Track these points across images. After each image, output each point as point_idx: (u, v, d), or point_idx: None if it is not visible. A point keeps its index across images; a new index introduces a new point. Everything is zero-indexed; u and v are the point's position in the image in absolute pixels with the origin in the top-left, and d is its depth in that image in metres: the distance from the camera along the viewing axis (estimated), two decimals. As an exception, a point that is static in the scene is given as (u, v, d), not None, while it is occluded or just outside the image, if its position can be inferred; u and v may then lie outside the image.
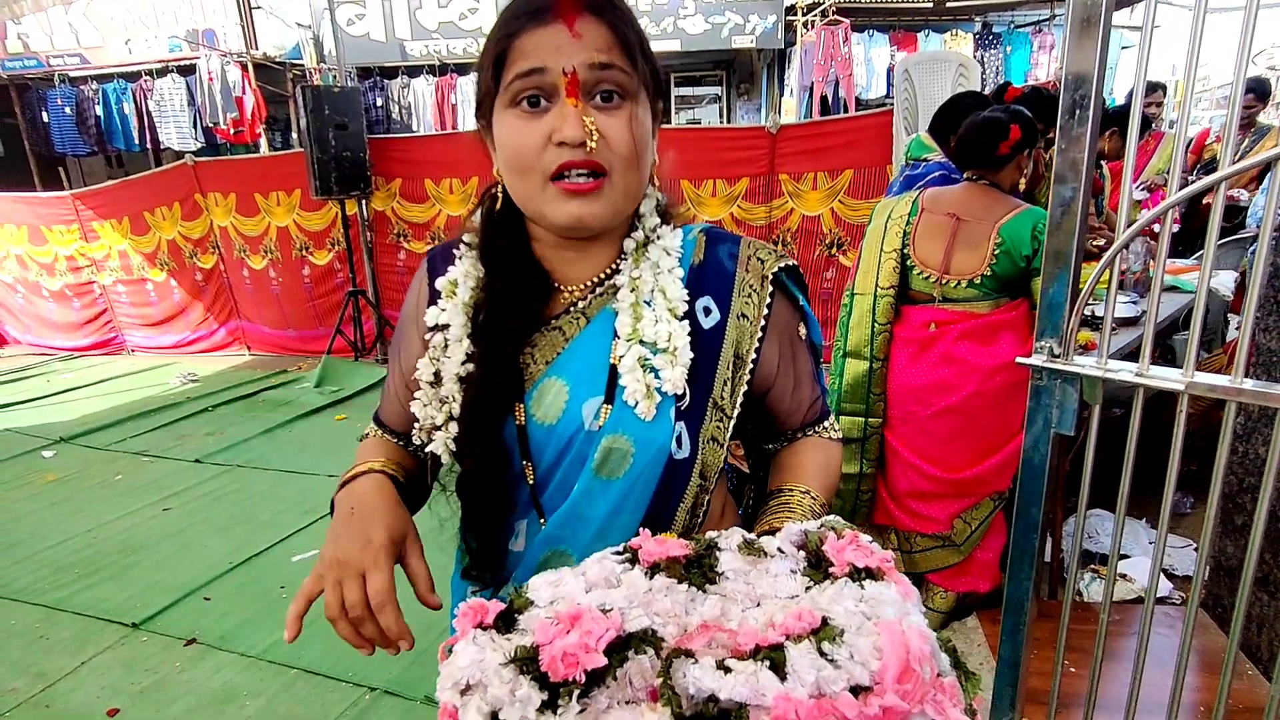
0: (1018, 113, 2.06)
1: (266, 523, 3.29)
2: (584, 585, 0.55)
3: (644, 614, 0.52)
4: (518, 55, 0.71)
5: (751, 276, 0.82)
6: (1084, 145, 1.13)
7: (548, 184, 0.72)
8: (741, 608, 0.54)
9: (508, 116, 0.73)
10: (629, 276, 0.79)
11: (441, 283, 0.84)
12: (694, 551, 0.58)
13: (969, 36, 8.28)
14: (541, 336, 0.80)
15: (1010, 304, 2.10)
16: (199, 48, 7.84)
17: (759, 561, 0.57)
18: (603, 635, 0.47)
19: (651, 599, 0.53)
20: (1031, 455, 1.27)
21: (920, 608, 0.54)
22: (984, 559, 2.25)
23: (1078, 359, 1.20)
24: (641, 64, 0.74)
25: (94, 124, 8.32)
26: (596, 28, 0.71)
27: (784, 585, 0.55)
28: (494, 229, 0.83)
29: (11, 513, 3.57)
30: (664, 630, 0.51)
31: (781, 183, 4.70)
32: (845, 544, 0.56)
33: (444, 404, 0.80)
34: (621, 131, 0.72)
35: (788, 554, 0.58)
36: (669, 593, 0.54)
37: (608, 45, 0.71)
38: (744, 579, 0.56)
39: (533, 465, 0.80)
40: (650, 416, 0.74)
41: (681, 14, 8.14)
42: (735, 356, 0.80)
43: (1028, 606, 1.34)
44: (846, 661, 0.46)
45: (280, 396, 5.22)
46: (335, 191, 5.23)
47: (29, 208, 6.69)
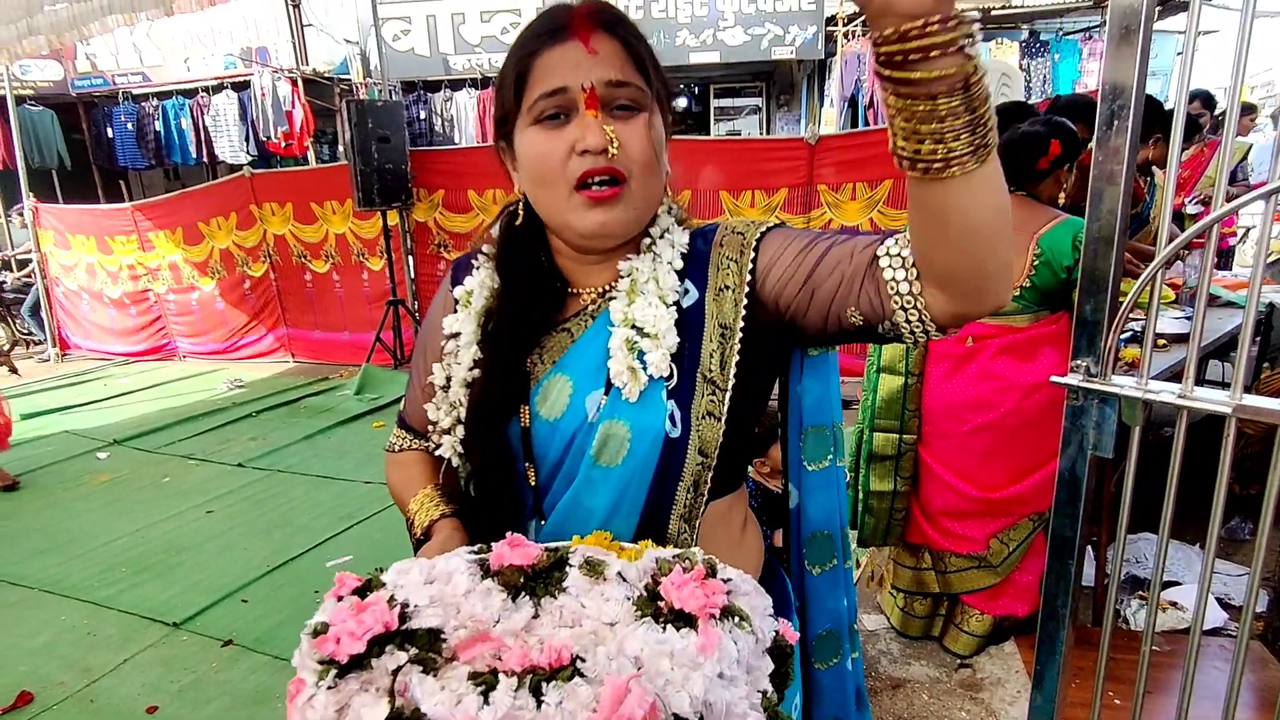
0: (1059, 125, 2.01)
1: (303, 527, 3.36)
2: (426, 577, 0.59)
3: (440, 614, 0.55)
4: (540, 74, 0.75)
5: (728, 250, 0.82)
6: (1123, 157, 1.09)
7: (572, 194, 0.76)
8: (555, 626, 0.56)
9: (530, 133, 0.76)
10: (631, 267, 0.82)
11: (459, 291, 0.88)
12: (543, 563, 0.60)
13: (1015, 45, 8.11)
14: (550, 339, 0.84)
15: (1050, 318, 2.04)
16: (253, 64, 8.12)
17: (598, 583, 0.58)
18: (371, 627, 0.52)
19: (464, 601, 0.57)
20: (1067, 478, 1.22)
21: (719, 664, 0.53)
22: (1023, 581, 2.18)
23: (1116, 379, 1.15)
24: (653, 77, 0.78)
25: (153, 139, 8.68)
26: (610, 44, 0.75)
27: (610, 611, 0.56)
28: (512, 243, 0.86)
29: (67, 511, 3.71)
30: (454, 634, 0.55)
31: (820, 193, 4.65)
32: (685, 581, 0.56)
33: (452, 408, 0.84)
34: (638, 139, 0.76)
35: (628, 580, 0.59)
36: (486, 598, 0.57)
37: (621, 62, 0.75)
38: (582, 597, 0.58)
39: (535, 468, 0.82)
40: (635, 398, 0.76)
41: (721, 25, 8.15)
42: (722, 327, 0.80)
43: (1063, 634, 1.28)
44: (552, 705, 0.48)
45: (321, 403, 5.34)
46: (378, 202, 5.36)
47: (94, 219, 7.00)
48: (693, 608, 0.54)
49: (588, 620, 0.56)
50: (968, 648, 2.23)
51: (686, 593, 0.55)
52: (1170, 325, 2.46)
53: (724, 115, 10.26)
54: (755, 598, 0.61)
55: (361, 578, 0.59)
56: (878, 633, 2.41)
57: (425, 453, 0.95)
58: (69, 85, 8.82)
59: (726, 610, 0.55)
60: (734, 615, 0.56)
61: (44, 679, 2.40)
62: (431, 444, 0.88)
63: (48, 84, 8.74)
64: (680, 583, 0.56)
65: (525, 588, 0.58)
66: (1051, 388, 2.01)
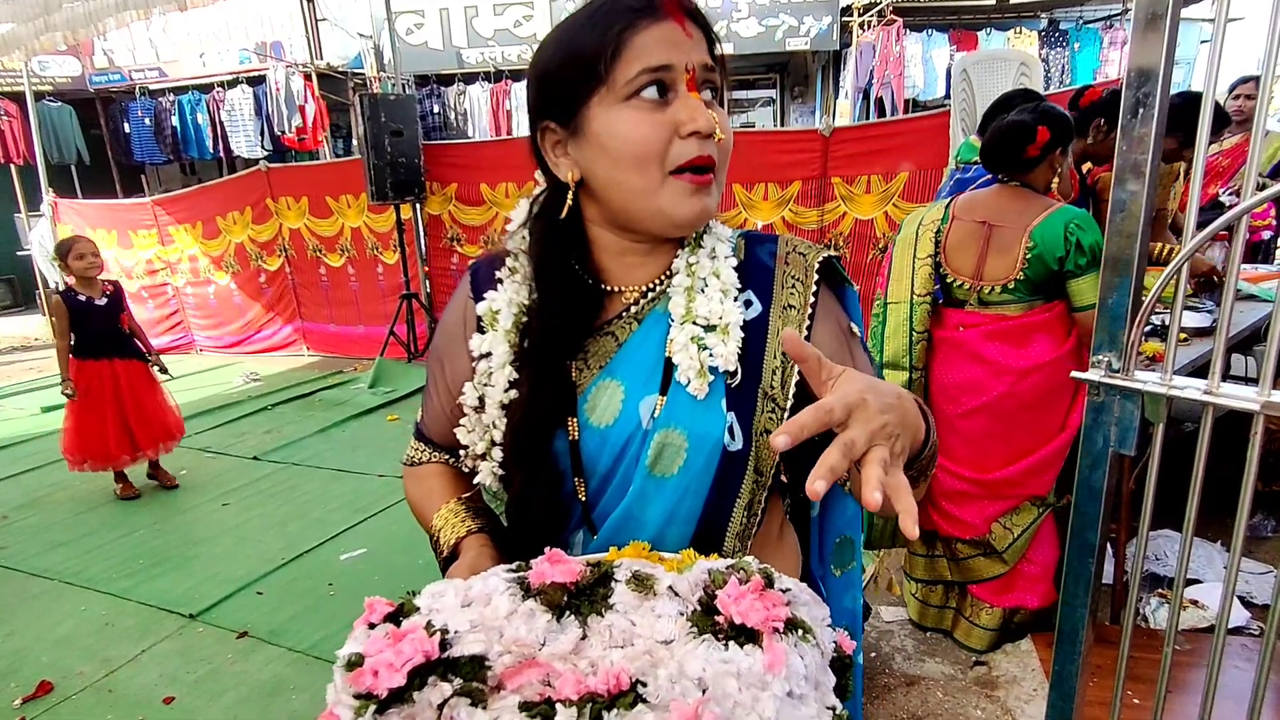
0: (1046, 112, 2.00)
1: (318, 520, 3.38)
2: (463, 600, 0.55)
3: (483, 639, 0.51)
4: (638, 49, 0.70)
5: (794, 269, 0.81)
6: (1148, 146, 1.06)
7: (668, 178, 0.72)
8: (606, 647, 0.52)
9: (624, 110, 0.71)
10: (685, 262, 0.79)
11: (483, 309, 0.82)
12: (587, 579, 0.56)
13: (1034, 34, 8.00)
14: (594, 343, 0.79)
15: (1044, 306, 2.04)
16: (267, 59, 8.16)
17: (647, 599, 0.54)
18: (411, 658, 0.48)
19: (507, 624, 0.53)
20: (1089, 476, 1.20)
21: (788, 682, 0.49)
22: (1031, 573, 2.17)
23: (1140, 374, 1.13)
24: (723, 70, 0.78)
25: (170, 134, 8.74)
26: (697, 30, 0.73)
27: (663, 628, 0.52)
28: (552, 243, 0.80)
29: (85, 504, 3.76)
30: (499, 661, 0.50)
31: (834, 186, 4.61)
32: (743, 593, 0.52)
33: (486, 431, 0.80)
34: (727, 126, 0.75)
35: (680, 594, 0.55)
36: (529, 619, 0.53)
37: (706, 48, 0.74)
38: (632, 614, 0.54)
39: (585, 481, 0.78)
40: (703, 394, 0.74)
41: (735, 17, 8.09)
42: None
43: (1083, 634, 1.26)
44: None
45: (336, 396, 5.38)
46: (391, 196, 5.37)
47: (114, 214, 7.07)
48: (755, 622, 0.50)
49: (640, 639, 0.52)
50: (980, 642, 2.21)
51: (746, 605, 0.51)
52: (1191, 319, 2.42)
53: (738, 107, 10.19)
54: (815, 608, 0.58)
55: (393, 602, 0.55)
56: (893, 629, 2.39)
57: (445, 465, 0.91)
58: (87, 81, 8.89)
59: (790, 623, 0.52)
60: (798, 628, 0.52)
61: (64, 669, 2.43)
62: (464, 466, 0.84)
63: (66, 80, 8.82)
64: (738, 595, 0.52)
65: (570, 607, 0.55)
66: (1044, 372, 2.03)
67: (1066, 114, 2.04)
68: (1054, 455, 2.05)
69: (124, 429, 3.68)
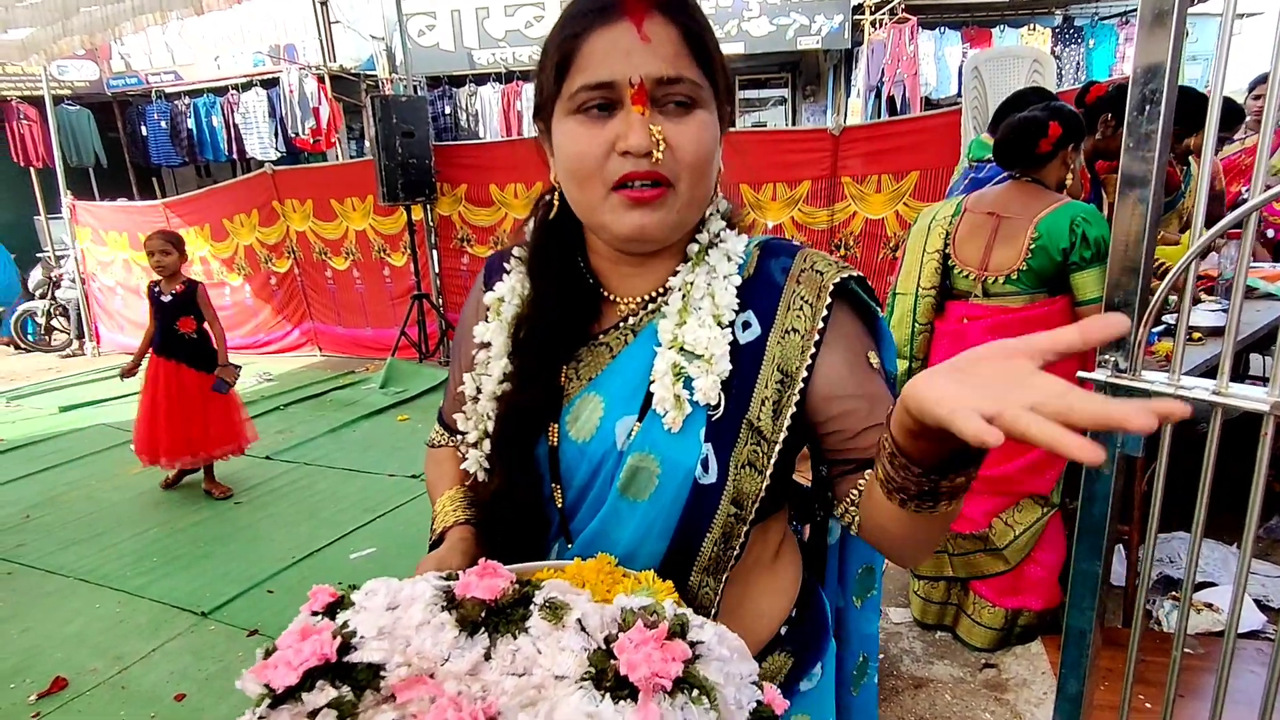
0: (1058, 109, 2.02)
1: (328, 520, 3.40)
2: (390, 602, 0.55)
3: (386, 647, 0.51)
4: (584, 61, 0.67)
5: (804, 289, 0.74)
6: (1154, 143, 1.05)
7: (609, 193, 0.69)
8: (504, 672, 0.51)
9: (569, 123, 0.69)
10: (683, 280, 0.75)
11: (489, 298, 0.82)
12: (507, 598, 0.55)
13: (1048, 31, 7.93)
14: (588, 352, 0.77)
15: (1047, 299, 2.04)
16: (280, 62, 8.23)
17: (557, 628, 0.53)
18: (307, 659, 0.49)
19: (414, 635, 0.52)
20: (1094, 477, 1.18)
21: None
22: (1035, 575, 2.16)
23: (1146, 374, 1.11)
24: (716, 68, 0.71)
25: (186, 136, 8.84)
26: (666, 31, 0.67)
27: (564, 663, 0.50)
28: (546, 241, 0.80)
29: (101, 503, 3.80)
30: (397, 671, 0.50)
31: (844, 185, 4.59)
32: (644, 639, 0.50)
33: (480, 421, 0.79)
34: (689, 141, 0.68)
35: (588, 630, 0.53)
36: (438, 633, 0.52)
37: (676, 53, 0.67)
38: (541, 642, 0.52)
39: (563, 489, 0.76)
40: (677, 427, 0.70)
41: (746, 16, 8.07)
42: (782, 374, 0.72)
43: (1089, 637, 1.25)
44: None
45: (347, 396, 5.41)
46: (402, 197, 5.40)
47: (127, 216, 7.15)
48: (638, 676, 0.47)
49: (539, 669, 0.51)
50: (983, 640, 2.21)
51: (639, 655, 0.48)
52: (1206, 318, 2.39)
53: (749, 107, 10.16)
54: (735, 664, 0.54)
55: (336, 593, 0.56)
56: (900, 630, 2.37)
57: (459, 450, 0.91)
58: (104, 85, 9.01)
59: (682, 682, 0.48)
60: (691, 689, 0.49)
61: (78, 665, 2.46)
62: (460, 452, 0.84)
63: (84, 84, 8.94)
64: (639, 641, 0.49)
65: (486, 624, 0.54)
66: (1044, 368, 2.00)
67: (1077, 112, 2.07)
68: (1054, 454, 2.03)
69: (159, 429, 3.67)
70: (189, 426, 3.68)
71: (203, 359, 3.71)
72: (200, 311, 3.67)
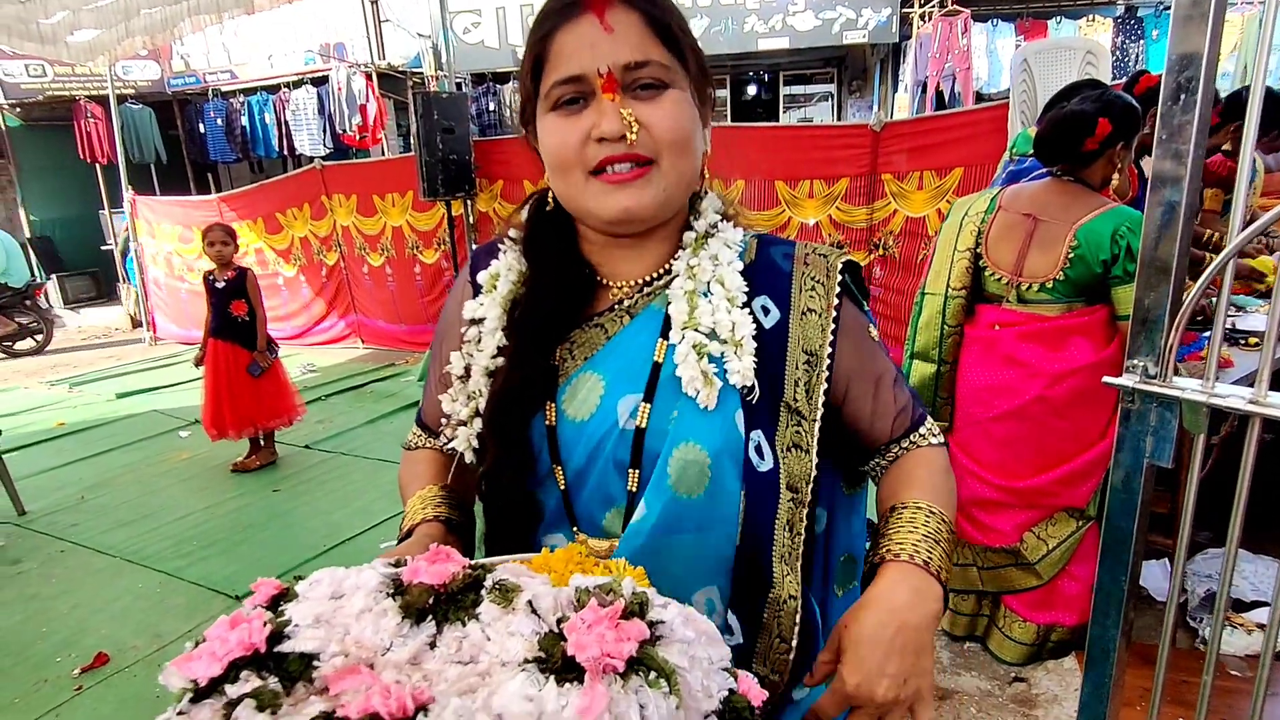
0: (1110, 103, 1.85)
1: (362, 509, 3.47)
2: (334, 590, 0.53)
3: (322, 636, 0.49)
4: (554, 59, 0.70)
5: (814, 270, 0.77)
6: (1189, 136, 0.98)
7: (589, 180, 0.71)
8: (448, 660, 0.48)
9: (549, 119, 0.72)
10: (686, 265, 0.75)
11: (483, 276, 0.82)
12: (456, 584, 0.52)
13: (1108, 22, 7.61)
14: (581, 334, 0.78)
15: (1085, 309, 1.92)
16: (330, 60, 8.42)
17: (507, 613, 0.50)
18: (232, 649, 0.47)
19: (354, 623, 0.50)
20: (1121, 488, 1.12)
21: None
22: (1070, 590, 2.06)
23: (1178, 381, 1.05)
24: (685, 49, 0.72)
25: (240, 133, 9.12)
26: (628, 17, 0.69)
27: (513, 648, 0.48)
28: (540, 225, 0.82)
29: (149, 486, 3.95)
30: (332, 660, 0.48)
31: (884, 183, 4.48)
32: (597, 619, 0.47)
33: (470, 399, 0.78)
34: (664, 117, 0.70)
35: (539, 612, 0.50)
36: (378, 620, 0.50)
37: (641, 38, 0.69)
38: (491, 628, 0.50)
39: (563, 469, 0.75)
40: (712, 404, 0.69)
41: (791, 10, 7.96)
42: (807, 354, 0.75)
43: (1114, 655, 1.19)
44: None
45: (386, 389, 5.52)
46: (442, 193, 5.47)
47: (183, 210, 7.42)
48: (585, 657, 0.45)
49: (486, 657, 0.48)
50: (1015, 655, 2.13)
51: (590, 637, 0.45)
52: (1261, 322, 2.26)
53: (794, 103, 10.04)
54: (702, 647, 0.51)
55: (281, 585, 0.54)
56: (927, 640, 2.31)
57: (438, 452, 0.90)
58: (165, 84, 9.35)
59: (636, 662, 0.46)
60: (648, 670, 0.46)
61: (120, 642, 2.56)
62: (443, 439, 0.83)
63: (146, 83, 9.29)
64: (592, 621, 0.47)
65: (435, 610, 0.51)
66: (1080, 377, 1.93)
67: (1134, 105, 1.89)
68: (1091, 465, 1.94)
69: (224, 406, 3.96)
70: (248, 401, 3.98)
71: (254, 340, 3.98)
72: (250, 296, 3.93)
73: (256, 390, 4.00)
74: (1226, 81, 4.81)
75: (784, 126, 7.02)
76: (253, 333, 3.96)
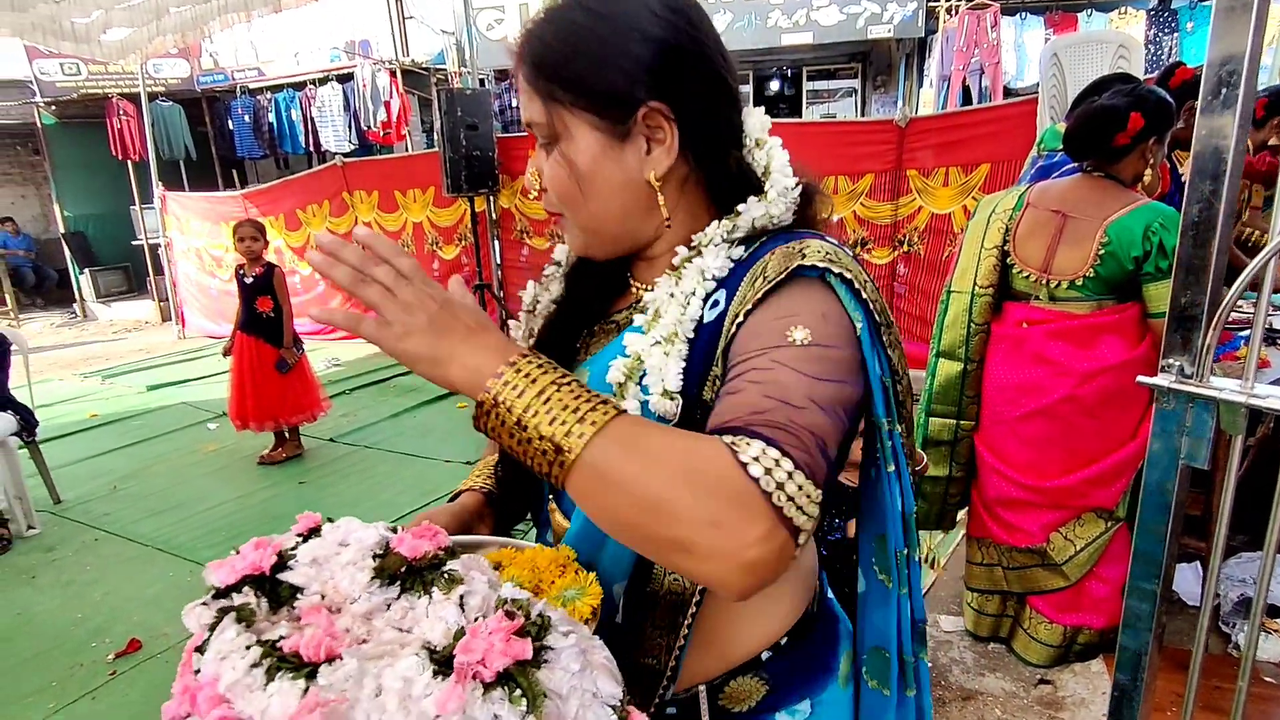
0: (1142, 97, 1.80)
1: (386, 502, 3.51)
2: (342, 539, 0.61)
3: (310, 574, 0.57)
4: None
5: (775, 261, 0.69)
6: (1229, 133, 0.97)
7: None
8: (391, 624, 0.55)
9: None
10: (658, 294, 0.74)
11: (525, 295, 0.91)
12: (424, 560, 0.59)
13: (1141, 15, 7.44)
14: (600, 329, 0.84)
15: (1115, 306, 1.89)
16: (355, 57, 8.50)
17: (444, 600, 0.56)
18: (244, 568, 0.56)
19: (339, 571, 0.58)
20: (1155, 490, 1.11)
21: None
22: (1098, 593, 2.02)
23: (1215, 380, 1.03)
24: (566, 97, 0.70)
25: (268, 130, 9.24)
26: (526, 77, 0.73)
27: (433, 631, 0.53)
28: None
29: (179, 477, 4.03)
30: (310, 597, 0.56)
31: (909, 179, 4.44)
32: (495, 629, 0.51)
33: None
34: (550, 175, 0.75)
35: (468, 608, 0.55)
36: (356, 574, 0.57)
37: (529, 98, 0.73)
38: (435, 607, 0.56)
39: None
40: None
41: (815, 5, 7.88)
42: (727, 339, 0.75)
43: (1145, 660, 1.17)
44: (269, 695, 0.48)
45: (409, 383, 5.57)
46: (465, 189, 5.50)
47: (210, 206, 7.54)
48: (462, 660, 0.49)
49: (418, 630, 0.54)
50: (1040, 657, 2.10)
51: (476, 642, 0.50)
52: (1302, 322, 2.21)
53: (817, 98, 9.95)
54: (588, 678, 0.54)
55: (320, 521, 0.63)
56: (951, 639, 2.29)
57: None
58: (195, 82, 9.49)
59: (507, 677, 0.50)
60: (514, 688, 0.49)
61: (151, 629, 2.61)
62: None
63: (176, 81, 9.43)
64: (491, 629, 0.51)
65: (403, 578, 0.58)
66: (1111, 376, 1.90)
67: (1168, 99, 1.83)
68: (1121, 465, 1.91)
69: (247, 398, 4.04)
70: (271, 395, 4.03)
71: (279, 336, 4.02)
72: (276, 292, 3.97)
73: (280, 385, 4.06)
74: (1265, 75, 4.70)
75: (809, 122, 6.97)
76: (278, 328, 4.01)
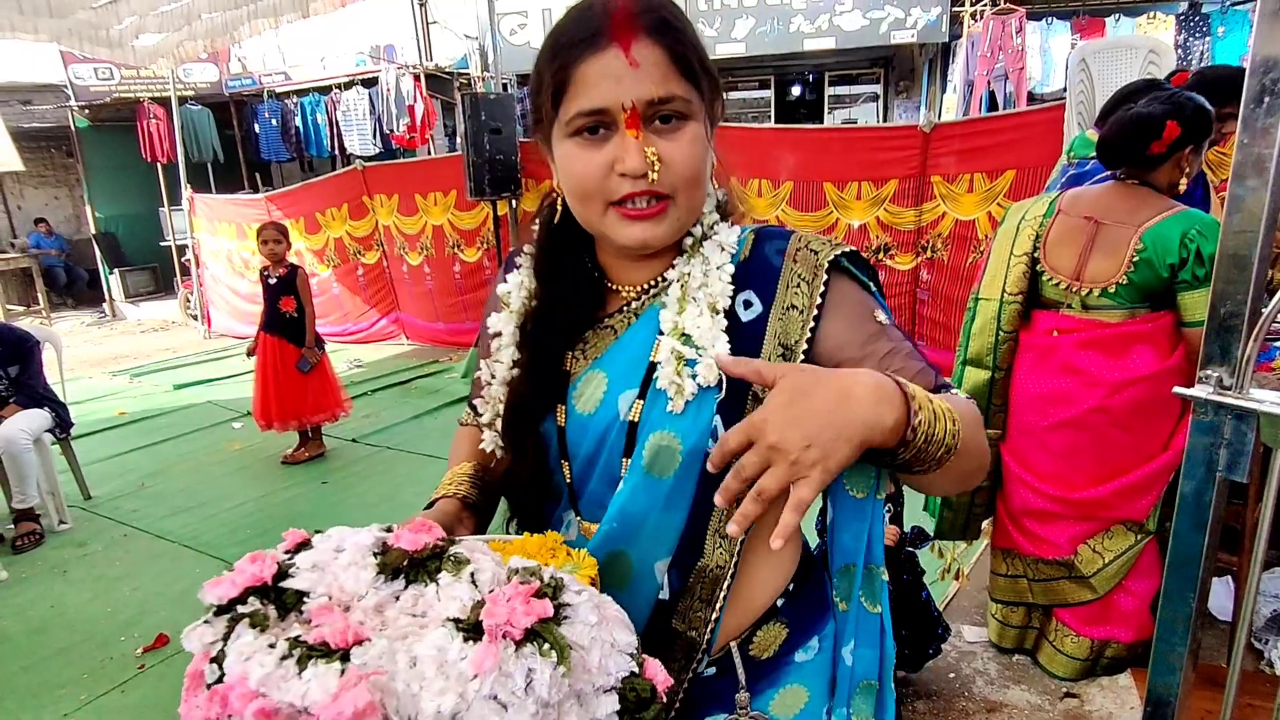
0: (1179, 105, 1.75)
1: (406, 503, 3.54)
2: (337, 545, 0.62)
3: (314, 579, 0.59)
4: (577, 89, 0.71)
5: (801, 267, 0.77)
6: (1273, 140, 0.95)
7: (609, 209, 0.74)
8: (405, 612, 0.58)
9: (569, 144, 0.74)
10: (680, 272, 0.79)
11: (500, 290, 0.89)
12: (425, 551, 0.61)
13: (1170, 19, 7.33)
14: (594, 334, 0.83)
15: (1148, 315, 1.86)
16: (380, 61, 8.60)
17: (455, 581, 0.59)
18: (247, 580, 0.57)
19: (342, 572, 0.60)
20: (1192, 503, 1.09)
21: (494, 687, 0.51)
22: (1126, 606, 1.99)
23: (1255, 392, 1.01)
24: (702, 80, 0.73)
25: (294, 134, 9.35)
26: (653, 53, 0.70)
27: (449, 609, 0.57)
28: (552, 242, 0.85)
29: (205, 475, 4.09)
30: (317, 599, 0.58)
31: (934, 185, 4.41)
32: (513, 594, 0.54)
33: (494, 403, 0.86)
34: (683, 155, 0.72)
35: (478, 584, 0.58)
36: (361, 572, 0.60)
37: (664, 73, 0.70)
38: (445, 590, 0.59)
39: (569, 463, 0.82)
40: (680, 409, 0.74)
41: (838, 10, 7.85)
42: (783, 347, 0.77)
43: (1179, 676, 1.15)
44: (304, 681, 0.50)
45: (430, 385, 5.61)
46: (488, 192, 5.54)
47: (235, 208, 7.65)
48: (490, 623, 0.52)
49: (432, 613, 0.57)
50: (1065, 670, 2.07)
51: (501, 608, 0.53)
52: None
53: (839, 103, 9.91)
54: (605, 629, 0.58)
55: (306, 536, 0.65)
56: (975, 650, 2.26)
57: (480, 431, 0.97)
58: (223, 86, 9.64)
59: (534, 634, 0.53)
60: (542, 642, 0.53)
61: (179, 624, 2.61)
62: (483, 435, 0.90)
63: (205, 85, 9.59)
64: (509, 595, 0.54)
65: (406, 571, 0.61)
66: (1143, 386, 1.88)
67: (1206, 107, 1.79)
68: (1152, 478, 1.88)
69: (271, 397, 4.09)
70: (293, 395, 4.09)
71: (301, 336, 4.08)
72: (299, 293, 4.04)
73: (303, 385, 4.12)
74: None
75: (833, 128, 6.95)
76: (300, 329, 4.07)
